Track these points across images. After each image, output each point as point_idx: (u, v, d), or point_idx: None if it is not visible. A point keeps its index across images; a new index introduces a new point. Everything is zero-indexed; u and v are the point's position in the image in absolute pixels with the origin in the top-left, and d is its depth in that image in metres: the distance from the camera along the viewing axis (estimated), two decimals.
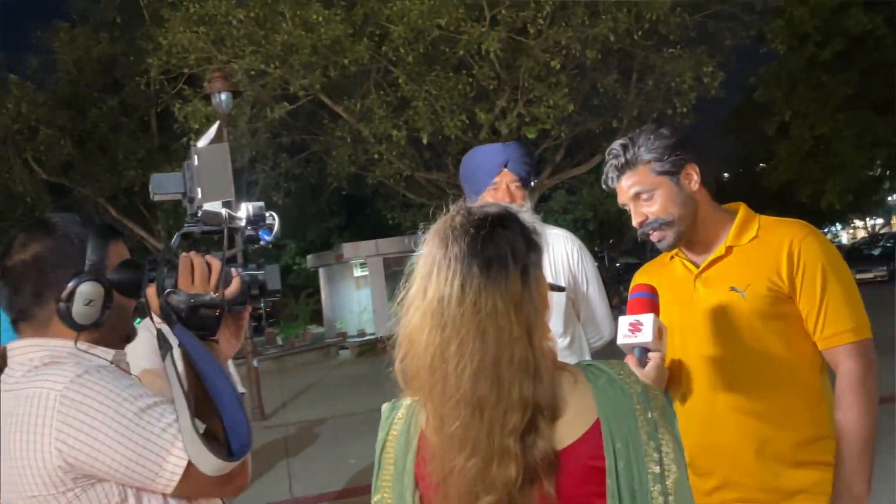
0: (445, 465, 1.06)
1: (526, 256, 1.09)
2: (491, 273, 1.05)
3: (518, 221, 1.12)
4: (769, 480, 1.69)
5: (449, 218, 1.13)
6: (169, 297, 1.27)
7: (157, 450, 1.16)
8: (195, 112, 11.67)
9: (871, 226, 45.12)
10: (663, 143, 1.73)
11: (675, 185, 1.74)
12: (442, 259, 1.08)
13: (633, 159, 1.75)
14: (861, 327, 1.67)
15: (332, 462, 6.91)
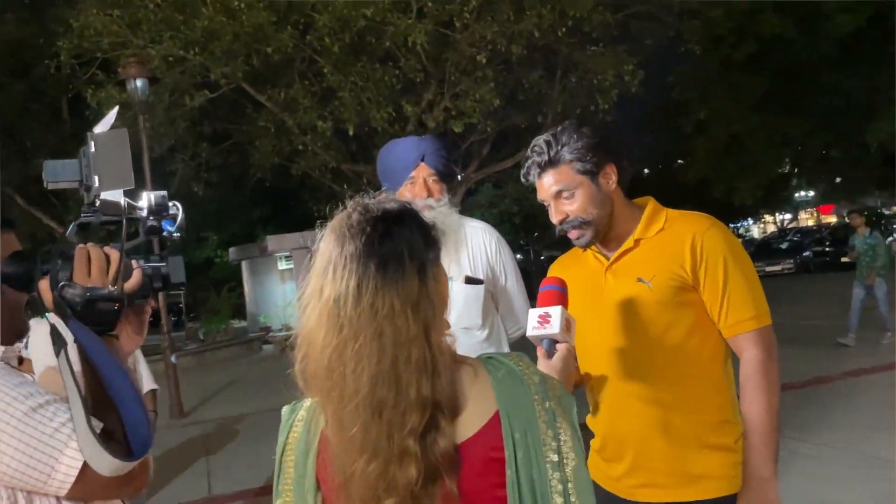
0: (347, 468, 1.05)
1: (424, 254, 1.08)
2: (388, 272, 1.04)
3: (416, 218, 1.12)
4: (675, 464, 1.75)
5: (346, 215, 1.11)
6: (63, 291, 1.21)
7: (49, 451, 1.10)
8: (109, 98, 11.17)
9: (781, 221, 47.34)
10: (585, 144, 1.77)
11: (595, 185, 1.78)
12: (338, 257, 1.06)
13: (555, 158, 1.78)
14: (762, 315, 1.73)
15: (253, 459, 6.79)
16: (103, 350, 1.18)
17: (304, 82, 12.55)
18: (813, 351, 8.77)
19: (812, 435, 5.47)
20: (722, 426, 1.76)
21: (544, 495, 1.04)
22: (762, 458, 1.67)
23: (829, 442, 5.28)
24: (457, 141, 14.81)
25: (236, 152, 15.94)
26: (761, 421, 1.68)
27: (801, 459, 4.95)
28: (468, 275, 2.51)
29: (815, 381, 7.22)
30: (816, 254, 24.24)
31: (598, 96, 13.33)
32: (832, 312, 11.65)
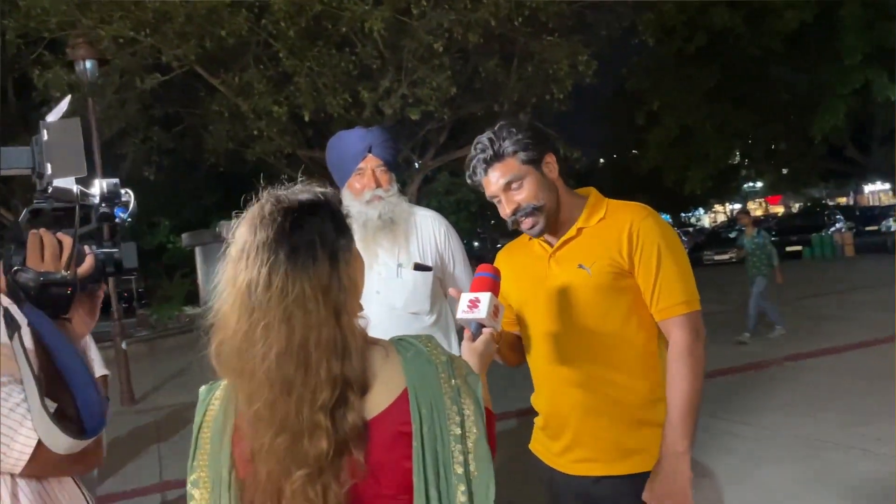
0: (254, 443, 1.11)
1: (335, 242, 1.14)
2: (298, 259, 1.10)
3: (328, 207, 1.18)
4: (610, 440, 1.85)
5: (259, 206, 1.18)
6: (17, 275, 1.24)
7: (5, 430, 1.14)
8: (56, 79, 10.87)
9: (730, 210, 48.52)
10: (525, 135, 1.85)
11: (540, 173, 1.86)
12: (251, 246, 1.12)
13: (500, 151, 1.85)
14: (691, 301, 1.84)
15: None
16: (57, 333, 1.22)
17: (259, 67, 12.39)
18: (754, 336, 9.08)
19: (747, 417, 5.69)
20: (654, 404, 1.87)
21: (446, 465, 1.12)
22: (678, 433, 1.77)
23: (767, 425, 5.50)
24: (414, 128, 14.81)
25: (189, 136, 15.67)
26: (681, 400, 1.78)
27: (740, 441, 5.17)
28: (417, 262, 2.57)
29: (755, 366, 7.49)
30: None
31: (553, 86, 13.44)
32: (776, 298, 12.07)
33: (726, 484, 4.35)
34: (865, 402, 5.66)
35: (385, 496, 1.12)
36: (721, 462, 4.72)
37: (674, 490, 1.76)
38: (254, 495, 1.11)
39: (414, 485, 1.11)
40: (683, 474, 1.76)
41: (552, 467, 1.98)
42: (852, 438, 4.88)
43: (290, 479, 1.07)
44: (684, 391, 1.78)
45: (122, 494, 5.64)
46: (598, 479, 1.87)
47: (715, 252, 24.27)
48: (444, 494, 1.11)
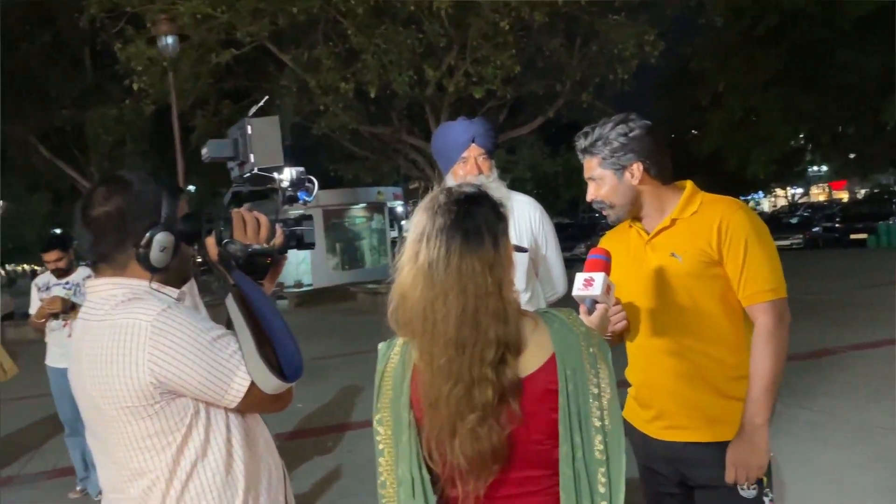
0: (433, 392, 1.36)
1: (496, 226, 1.39)
2: (470, 242, 1.34)
3: (489, 198, 1.43)
4: (696, 410, 2.05)
5: (433, 196, 1.42)
6: (227, 247, 1.52)
7: (227, 372, 1.42)
8: (139, 54, 11.37)
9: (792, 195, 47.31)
10: (615, 144, 2.03)
11: (618, 179, 2.07)
12: (430, 230, 1.36)
13: (588, 148, 2.08)
14: (776, 289, 2.01)
15: None
16: (261, 294, 1.49)
17: (328, 43, 12.69)
18: (817, 324, 9.07)
19: (813, 402, 5.80)
20: (738, 381, 2.05)
21: (586, 418, 1.37)
22: (758, 407, 1.95)
23: (827, 409, 5.60)
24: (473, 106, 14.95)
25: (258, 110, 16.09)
26: (762, 376, 1.96)
27: (801, 425, 5.29)
28: (515, 244, 2.79)
29: (818, 353, 7.53)
30: (826, 229, 24.40)
31: (617, 66, 13.41)
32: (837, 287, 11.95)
33: (787, 465, 4.50)
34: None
35: (534, 441, 1.37)
36: (781, 443, 4.86)
37: (750, 458, 1.95)
38: (431, 433, 1.37)
39: (560, 433, 1.36)
40: (761, 445, 1.95)
41: (643, 432, 2.19)
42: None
43: (464, 421, 1.33)
44: (766, 369, 1.96)
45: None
46: (685, 445, 2.06)
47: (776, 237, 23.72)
48: (585, 442, 1.36)
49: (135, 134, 15.75)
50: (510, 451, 1.36)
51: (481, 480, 1.35)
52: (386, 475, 1.43)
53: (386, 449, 1.44)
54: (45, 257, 4.83)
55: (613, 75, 13.62)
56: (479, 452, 1.32)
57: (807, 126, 23.42)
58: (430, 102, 13.92)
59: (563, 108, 15.10)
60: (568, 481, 1.35)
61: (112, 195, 1.47)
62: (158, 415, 1.42)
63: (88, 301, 1.51)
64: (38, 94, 16.66)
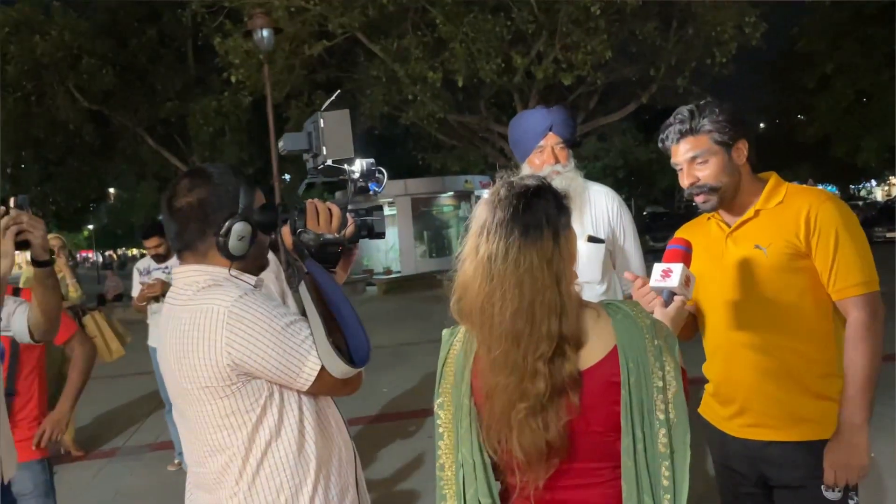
0: (490, 382, 1.38)
1: (557, 220, 1.38)
2: (528, 236, 1.34)
3: (551, 191, 1.42)
4: (781, 408, 1.98)
5: (495, 190, 1.42)
6: (301, 236, 1.59)
7: (299, 356, 1.49)
8: (236, 47, 11.84)
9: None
10: (725, 118, 1.98)
11: (727, 156, 1.99)
12: (490, 224, 1.37)
13: (696, 127, 1.99)
14: (869, 282, 1.92)
15: (366, 390, 7.30)
16: (332, 282, 1.55)
17: (417, 33, 12.82)
18: None
19: None
20: (826, 378, 1.97)
21: (650, 412, 1.35)
22: (856, 406, 1.88)
23: None
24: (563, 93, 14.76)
25: (347, 100, 16.48)
26: (858, 374, 1.88)
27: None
28: (591, 234, 2.76)
29: None
30: None
31: (715, 49, 12.93)
32: None
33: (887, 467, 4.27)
34: None
35: (596, 433, 1.37)
36: (881, 445, 4.61)
37: (851, 461, 1.88)
38: (489, 422, 1.39)
39: (622, 426, 1.35)
40: (860, 446, 1.88)
41: (721, 430, 2.13)
42: None
43: (514, 410, 1.34)
44: (863, 366, 1.88)
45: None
46: (767, 444, 2.00)
47: (887, 229, 22.45)
48: (647, 435, 1.35)
49: (233, 124, 16.42)
50: (571, 443, 1.36)
51: (540, 472, 1.36)
52: (445, 458, 1.47)
53: (446, 433, 1.47)
54: (146, 243, 5.13)
55: (711, 59, 13.15)
56: (535, 444, 1.34)
57: None
58: (518, 90, 13.85)
59: (657, 93, 14.68)
60: (629, 473, 1.34)
61: (194, 187, 1.56)
62: (235, 395, 1.50)
63: (173, 287, 1.61)
64: (145, 88, 17.63)
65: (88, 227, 47.10)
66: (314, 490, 1.56)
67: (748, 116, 3.61)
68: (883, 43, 19.16)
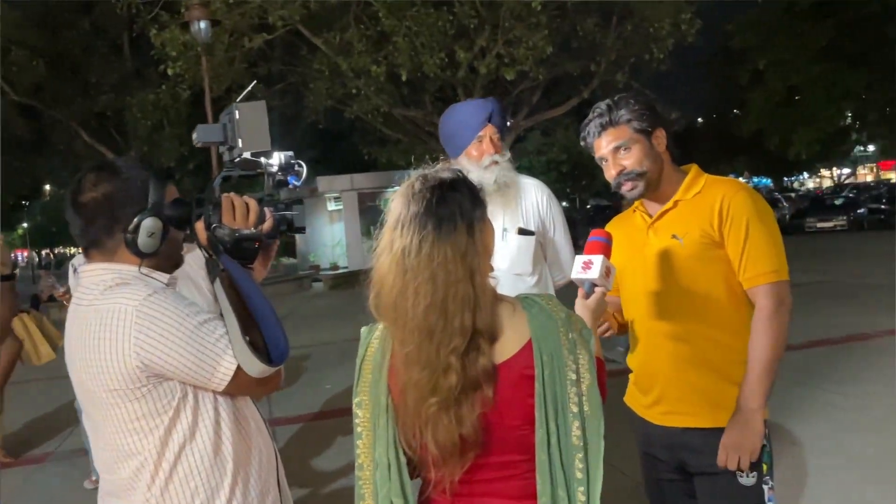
0: (404, 377, 1.36)
1: (472, 213, 1.37)
2: (442, 229, 1.33)
3: (466, 184, 1.40)
4: (698, 395, 2.01)
5: (409, 183, 1.40)
6: (215, 231, 1.53)
7: (213, 356, 1.43)
8: (173, 39, 11.53)
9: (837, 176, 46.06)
10: (641, 108, 2.02)
11: (648, 143, 2.03)
12: (405, 217, 1.35)
13: (615, 119, 2.03)
14: (778, 271, 1.95)
15: (310, 387, 7.27)
16: (248, 279, 1.50)
17: (360, 26, 12.71)
18: (857, 308, 8.85)
19: (844, 387, 5.66)
20: (741, 365, 2.00)
21: (563, 404, 1.35)
22: (754, 391, 1.92)
23: (864, 394, 5.47)
24: (507, 88, 14.84)
25: (290, 94, 16.26)
26: (760, 360, 1.92)
27: (830, 409, 5.18)
28: (521, 227, 2.76)
29: (856, 337, 7.35)
30: (872, 211, 23.71)
31: (653, 45, 13.18)
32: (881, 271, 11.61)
33: (815, 451, 4.41)
34: None
35: (511, 426, 1.36)
36: (812, 429, 4.76)
37: (744, 442, 1.92)
38: (404, 418, 1.37)
39: (536, 418, 1.34)
40: (755, 429, 1.92)
41: (643, 418, 2.16)
42: None
43: (426, 405, 1.33)
44: (764, 353, 1.92)
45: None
46: (685, 430, 2.03)
47: (819, 219, 23.27)
48: (561, 428, 1.34)
49: (172, 118, 15.99)
50: (487, 437, 1.35)
51: (456, 466, 1.35)
52: (363, 457, 1.44)
53: (364, 432, 1.44)
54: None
55: (649, 55, 13.41)
56: (449, 439, 1.32)
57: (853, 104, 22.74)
58: (462, 84, 13.87)
59: (599, 88, 14.89)
60: (543, 466, 1.34)
61: (100, 181, 1.49)
62: (146, 397, 1.44)
63: (80, 286, 1.54)
64: (78, 81, 17.03)
65: (23, 225, 45.39)
66: (231, 493, 1.52)
67: (684, 111, 3.68)
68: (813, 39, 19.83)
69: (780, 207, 26.63)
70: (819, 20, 19.68)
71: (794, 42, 20.24)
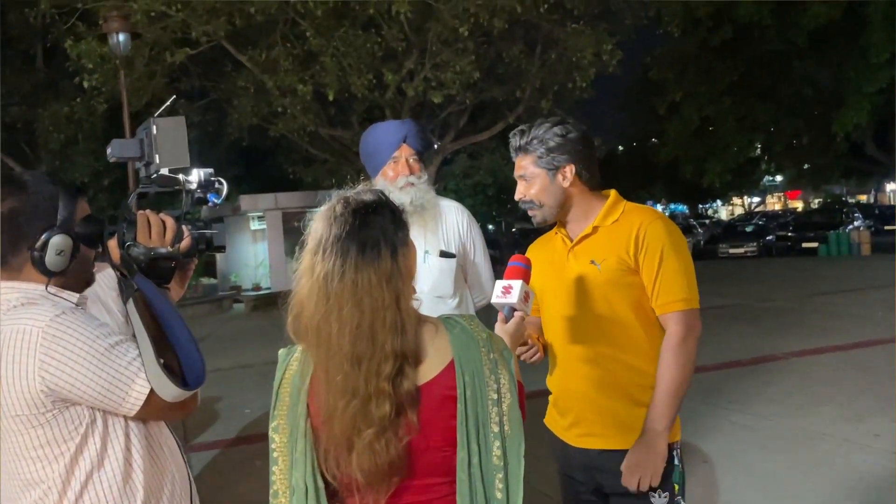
0: (329, 407, 1.33)
1: (395, 236, 1.36)
2: (365, 254, 1.32)
3: (388, 206, 1.40)
4: (610, 417, 2.06)
5: (331, 206, 1.39)
6: (130, 250, 1.49)
7: (125, 379, 1.38)
8: (90, 51, 11.13)
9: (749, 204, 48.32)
10: (552, 144, 2.06)
11: (550, 180, 2.08)
12: (326, 241, 1.33)
13: (524, 146, 2.09)
14: (689, 299, 2.03)
15: (228, 411, 7.06)
16: (163, 299, 1.46)
17: (286, 44, 12.59)
18: (763, 330, 9.26)
19: (750, 407, 5.90)
20: (651, 389, 2.05)
21: (485, 424, 1.35)
22: (660, 414, 1.98)
23: (768, 415, 5.71)
24: (434, 111, 14.98)
25: (213, 110, 15.93)
26: (667, 384, 1.99)
27: (738, 429, 5.39)
28: (443, 249, 2.78)
29: (761, 359, 7.68)
30: (780, 238, 24.95)
31: (576, 73, 13.56)
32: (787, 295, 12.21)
33: (725, 470, 4.57)
34: (866, 398, 5.85)
35: (434, 448, 1.36)
36: (721, 449, 4.94)
37: (647, 462, 1.97)
38: (328, 445, 1.35)
39: (458, 439, 1.35)
40: (659, 450, 1.97)
41: (562, 439, 2.20)
42: (850, 433, 5.08)
43: (360, 436, 1.31)
44: (671, 378, 1.99)
45: None
46: (600, 452, 2.08)
47: (730, 245, 24.33)
48: (482, 448, 1.35)
49: (87, 133, 15.37)
50: (410, 461, 1.34)
51: (380, 493, 1.34)
52: (279, 484, 1.41)
53: (280, 457, 1.41)
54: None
55: (572, 83, 13.78)
56: (377, 466, 1.31)
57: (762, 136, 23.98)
58: (390, 106, 13.90)
59: (524, 114, 15.18)
60: (463, 486, 1.34)
61: (6, 196, 1.43)
62: (51, 423, 1.37)
63: None
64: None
65: None
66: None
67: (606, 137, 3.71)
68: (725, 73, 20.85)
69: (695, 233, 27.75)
70: (730, 56, 20.71)
71: (707, 76, 21.23)
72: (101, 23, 10.42)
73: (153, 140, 1.53)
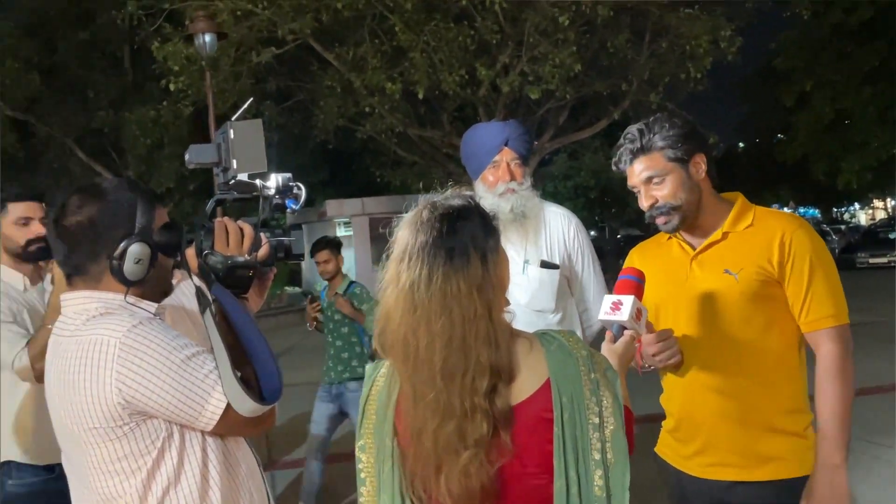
0: (418, 425, 1.34)
1: (485, 243, 1.36)
2: (454, 261, 1.32)
3: (478, 211, 1.40)
4: (746, 446, 1.99)
5: (417, 211, 1.40)
6: (207, 259, 1.54)
7: (201, 392, 1.43)
8: (176, 53, 11.73)
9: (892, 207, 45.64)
10: (677, 133, 2.00)
11: (685, 172, 2.01)
12: (412, 248, 1.35)
13: (647, 145, 2.01)
14: (841, 314, 1.95)
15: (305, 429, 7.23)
16: (241, 310, 1.50)
17: (374, 41, 12.81)
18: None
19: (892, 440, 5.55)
20: (793, 414, 1.99)
21: (585, 451, 1.32)
22: (833, 446, 1.89)
23: None
24: (532, 107, 14.90)
25: (299, 112, 16.41)
26: (834, 411, 1.90)
27: (881, 465, 5.07)
28: (544, 259, 2.74)
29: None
30: None
31: (689, 64, 13.19)
32: None
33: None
34: None
35: (528, 475, 1.34)
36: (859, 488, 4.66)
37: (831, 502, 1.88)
38: (416, 466, 1.35)
39: (554, 466, 1.32)
40: (840, 487, 1.89)
41: (681, 470, 2.12)
42: None
43: (456, 458, 1.30)
44: (838, 404, 1.90)
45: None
46: (731, 485, 2.00)
47: (870, 254, 23.03)
48: (582, 477, 1.32)
49: (173, 136, 16.18)
50: (503, 486, 1.33)
51: None
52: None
53: (368, 478, 1.43)
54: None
55: (685, 74, 13.42)
56: (468, 490, 1.30)
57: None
58: (483, 104, 13.93)
59: (630, 109, 14.90)
60: None
61: (85, 204, 1.51)
62: (128, 437, 1.44)
63: (62, 315, 1.55)
64: (75, 95, 17.31)
65: None
66: None
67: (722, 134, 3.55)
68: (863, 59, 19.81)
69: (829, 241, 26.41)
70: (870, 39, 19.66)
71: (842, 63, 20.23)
72: (188, 23, 10.92)
73: (230, 145, 1.58)
